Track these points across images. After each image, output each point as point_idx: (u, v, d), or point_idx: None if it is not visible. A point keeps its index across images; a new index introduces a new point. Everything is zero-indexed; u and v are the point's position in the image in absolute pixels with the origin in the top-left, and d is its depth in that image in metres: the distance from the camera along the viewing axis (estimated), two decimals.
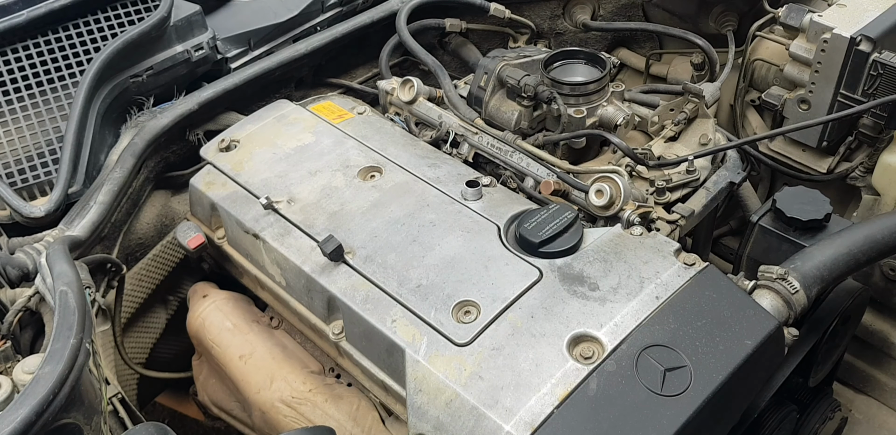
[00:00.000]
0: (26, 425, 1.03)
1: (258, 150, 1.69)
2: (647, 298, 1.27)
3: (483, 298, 1.31)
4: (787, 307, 1.33)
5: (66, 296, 1.24)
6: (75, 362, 1.13)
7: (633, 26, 2.35)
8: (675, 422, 1.13)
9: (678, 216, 1.57)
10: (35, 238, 1.58)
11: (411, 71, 2.27)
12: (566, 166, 1.61)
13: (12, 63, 1.75)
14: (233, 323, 1.67)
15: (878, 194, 1.94)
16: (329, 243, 1.40)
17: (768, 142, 2.12)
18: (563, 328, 1.24)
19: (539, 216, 1.40)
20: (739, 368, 1.19)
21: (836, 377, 1.92)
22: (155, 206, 1.87)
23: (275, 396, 1.54)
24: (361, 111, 1.80)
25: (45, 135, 1.72)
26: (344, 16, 2.18)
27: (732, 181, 1.70)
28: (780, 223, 1.60)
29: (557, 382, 1.17)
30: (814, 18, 1.86)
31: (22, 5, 1.75)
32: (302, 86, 2.16)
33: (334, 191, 1.56)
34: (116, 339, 1.63)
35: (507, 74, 1.70)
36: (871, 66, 1.77)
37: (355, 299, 1.38)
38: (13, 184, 1.65)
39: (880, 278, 1.94)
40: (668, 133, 1.73)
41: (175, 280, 1.88)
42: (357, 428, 1.50)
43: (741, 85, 2.17)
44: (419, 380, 1.25)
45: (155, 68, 1.87)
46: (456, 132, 1.74)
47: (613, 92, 1.72)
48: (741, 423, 1.38)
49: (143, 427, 1.18)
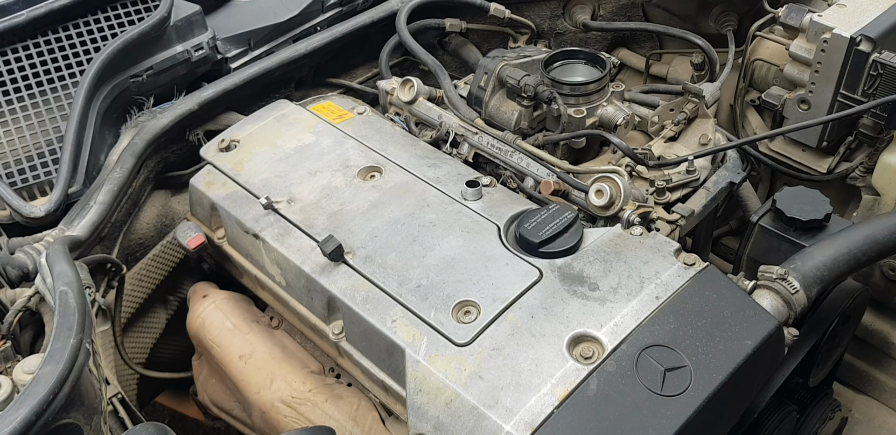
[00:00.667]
0: (26, 425, 1.03)
1: (258, 150, 1.69)
2: (647, 298, 1.27)
3: (483, 298, 1.31)
4: (787, 307, 1.33)
5: (66, 296, 1.24)
6: (75, 362, 1.13)
7: (633, 26, 2.35)
8: (675, 422, 1.13)
9: (678, 216, 1.57)
10: (35, 238, 1.58)
11: (411, 71, 2.27)
12: (566, 166, 1.61)
13: (12, 63, 1.75)
14: (233, 323, 1.67)
15: (878, 194, 1.94)
16: (329, 243, 1.40)
17: (768, 142, 2.12)
18: (563, 328, 1.24)
19: (539, 216, 1.40)
20: (739, 368, 1.19)
21: (836, 377, 1.92)
22: (155, 206, 1.87)
23: (275, 396, 1.54)
24: (361, 111, 1.80)
25: (45, 135, 1.72)
26: (344, 16, 2.19)
27: (732, 181, 1.70)
28: (780, 223, 1.60)
29: (557, 382, 1.17)
30: (814, 18, 1.86)
31: (22, 5, 1.75)
32: (302, 86, 2.16)
33: (334, 191, 1.56)
34: (116, 339, 1.63)
35: (507, 74, 1.70)
36: (871, 66, 1.77)
37: (355, 299, 1.38)
38: (13, 184, 1.65)
39: (880, 278, 1.94)
40: (668, 133, 1.73)
41: (175, 280, 1.88)
42: (357, 428, 1.50)
43: (741, 85, 2.17)
44: (419, 380, 1.25)
45: (155, 68, 1.87)
46: (456, 132, 1.74)
47: (613, 92, 1.72)
48: (741, 423, 1.38)
49: (143, 427, 1.18)
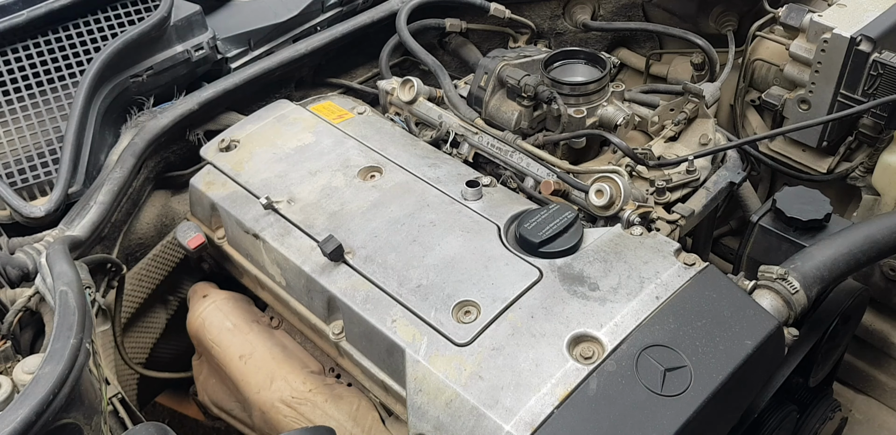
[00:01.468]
0: (26, 425, 1.03)
1: (258, 150, 1.69)
2: (647, 298, 1.27)
3: (483, 298, 1.31)
4: (787, 307, 1.33)
5: (66, 296, 1.24)
6: (75, 362, 1.13)
7: (633, 26, 2.35)
8: (675, 422, 1.13)
9: (678, 216, 1.57)
10: (35, 238, 1.58)
11: (411, 71, 2.27)
12: (566, 166, 1.61)
13: (12, 63, 1.75)
14: (233, 323, 1.67)
15: (878, 194, 1.94)
16: (329, 243, 1.39)
17: (768, 142, 2.12)
18: (563, 328, 1.24)
19: (539, 216, 1.40)
20: (739, 368, 1.19)
21: (836, 377, 1.92)
22: (155, 206, 1.87)
23: (275, 396, 1.54)
24: (361, 111, 1.80)
25: (45, 135, 1.72)
26: (344, 16, 2.18)
27: (732, 181, 1.70)
28: (780, 223, 1.60)
29: (557, 382, 1.17)
30: (814, 18, 1.86)
31: (22, 5, 1.75)
32: (302, 86, 2.16)
33: (334, 191, 1.56)
34: (116, 339, 1.63)
35: (507, 74, 1.70)
36: (871, 66, 1.77)
37: (355, 299, 1.38)
38: (13, 184, 1.65)
39: (880, 278, 1.94)
40: (668, 133, 1.73)
41: (175, 280, 1.88)
42: (357, 428, 1.50)
43: (741, 85, 2.17)
44: (419, 380, 1.25)
45: (155, 68, 1.87)
46: (456, 132, 1.74)
47: (613, 92, 1.72)
48: (741, 423, 1.38)
49: (143, 427, 1.18)
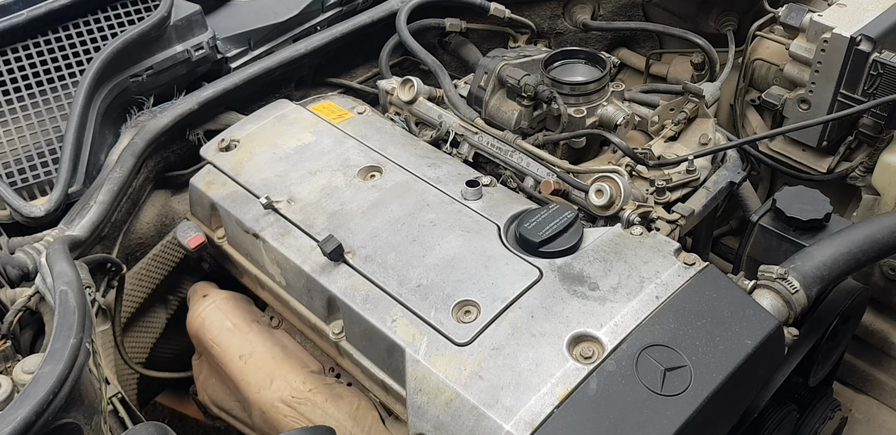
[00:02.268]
0: (26, 425, 1.03)
1: (258, 150, 1.69)
2: (647, 297, 1.27)
3: (483, 297, 1.31)
4: (787, 307, 1.33)
5: (66, 296, 1.24)
6: (75, 362, 1.13)
7: (633, 26, 2.35)
8: (675, 422, 1.13)
9: (678, 216, 1.57)
10: (35, 238, 1.58)
11: (411, 71, 2.27)
12: (566, 166, 1.61)
13: (12, 63, 1.76)
14: (233, 323, 1.67)
15: (878, 194, 1.94)
16: (329, 243, 1.39)
17: (768, 142, 2.12)
18: (563, 328, 1.24)
19: (539, 216, 1.40)
20: (739, 367, 1.19)
21: (836, 377, 1.92)
22: (155, 205, 1.87)
23: (275, 395, 1.54)
24: (361, 111, 1.80)
25: (45, 135, 1.72)
26: (344, 16, 2.19)
27: (732, 181, 1.70)
28: (780, 223, 1.60)
29: (557, 382, 1.17)
30: (814, 18, 1.86)
31: (22, 5, 1.75)
32: (302, 85, 2.16)
33: (334, 190, 1.56)
34: (116, 339, 1.63)
35: (507, 74, 1.70)
36: (871, 66, 1.77)
37: (355, 299, 1.38)
38: (13, 184, 1.66)
39: (880, 278, 1.94)
40: (668, 133, 1.73)
41: (175, 280, 1.88)
42: (357, 428, 1.50)
43: (741, 85, 2.17)
44: (419, 380, 1.25)
45: (155, 68, 1.87)
46: (456, 132, 1.74)
47: (613, 92, 1.72)
48: (741, 423, 1.38)
49: (143, 427, 1.18)
